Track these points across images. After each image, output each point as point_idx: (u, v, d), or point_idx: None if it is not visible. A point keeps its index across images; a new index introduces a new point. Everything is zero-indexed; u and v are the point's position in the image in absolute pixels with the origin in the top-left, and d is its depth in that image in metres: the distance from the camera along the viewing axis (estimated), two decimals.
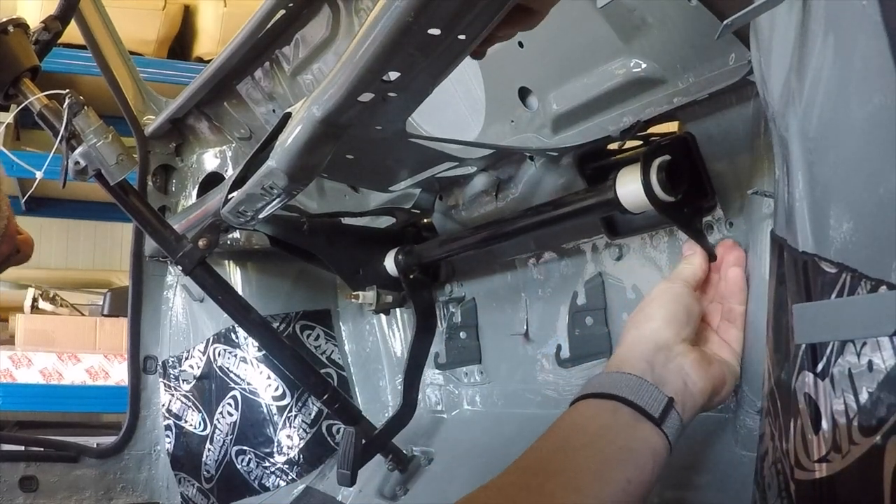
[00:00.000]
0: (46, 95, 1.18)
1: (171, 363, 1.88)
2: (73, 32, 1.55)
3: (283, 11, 1.40)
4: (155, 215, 1.32)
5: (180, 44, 4.11)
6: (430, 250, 1.42)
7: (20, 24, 1.17)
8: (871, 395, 0.47)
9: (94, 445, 1.87)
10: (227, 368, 1.83)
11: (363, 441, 1.37)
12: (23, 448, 1.83)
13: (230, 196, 1.06)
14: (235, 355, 1.83)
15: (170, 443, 1.87)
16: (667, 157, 0.92)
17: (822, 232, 0.53)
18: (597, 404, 0.79)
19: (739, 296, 0.89)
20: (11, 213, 0.90)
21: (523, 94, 1.15)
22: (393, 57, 0.73)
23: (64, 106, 1.15)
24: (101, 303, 3.94)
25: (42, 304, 3.99)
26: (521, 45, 1.08)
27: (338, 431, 1.77)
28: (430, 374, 1.58)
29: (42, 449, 1.81)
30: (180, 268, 1.31)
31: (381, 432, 1.41)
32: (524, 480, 0.74)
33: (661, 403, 0.77)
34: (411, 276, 1.46)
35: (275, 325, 1.76)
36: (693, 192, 0.94)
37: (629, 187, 0.94)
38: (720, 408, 0.97)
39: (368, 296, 1.48)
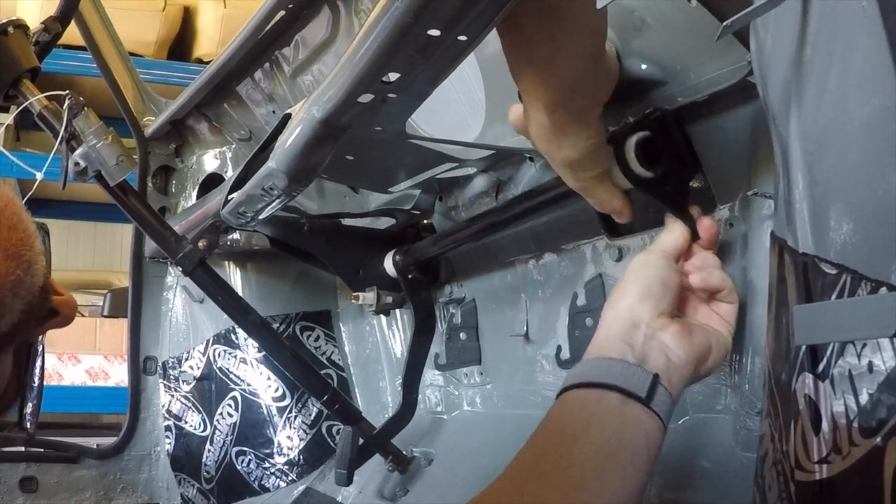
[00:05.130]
0: (46, 96, 1.18)
1: (171, 364, 1.87)
2: (72, 33, 1.55)
3: (282, 12, 1.40)
4: (155, 216, 1.32)
5: (180, 45, 4.11)
6: (426, 248, 1.42)
7: (20, 26, 1.17)
8: (871, 396, 0.47)
9: (94, 446, 1.87)
10: (227, 369, 1.83)
11: (361, 441, 1.36)
12: (22, 448, 1.83)
13: (230, 197, 1.06)
14: (235, 356, 1.83)
15: (170, 443, 1.87)
16: (644, 133, 0.91)
17: (823, 233, 0.53)
18: (582, 394, 0.77)
19: (720, 277, 0.86)
20: (46, 275, 0.87)
21: None
22: (393, 58, 0.73)
23: (64, 107, 1.15)
24: (100, 304, 3.95)
25: None
26: None
27: (338, 432, 1.77)
28: (430, 375, 1.58)
29: (42, 449, 1.81)
30: (180, 269, 1.31)
31: (380, 432, 1.41)
32: (519, 485, 0.73)
33: (647, 382, 0.76)
34: (410, 277, 1.46)
35: (275, 325, 1.76)
36: (675, 168, 0.94)
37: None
38: (720, 409, 0.98)
39: (368, 297, 1.48)
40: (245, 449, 1.79)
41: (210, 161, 1.87)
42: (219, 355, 1.84)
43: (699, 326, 0.85)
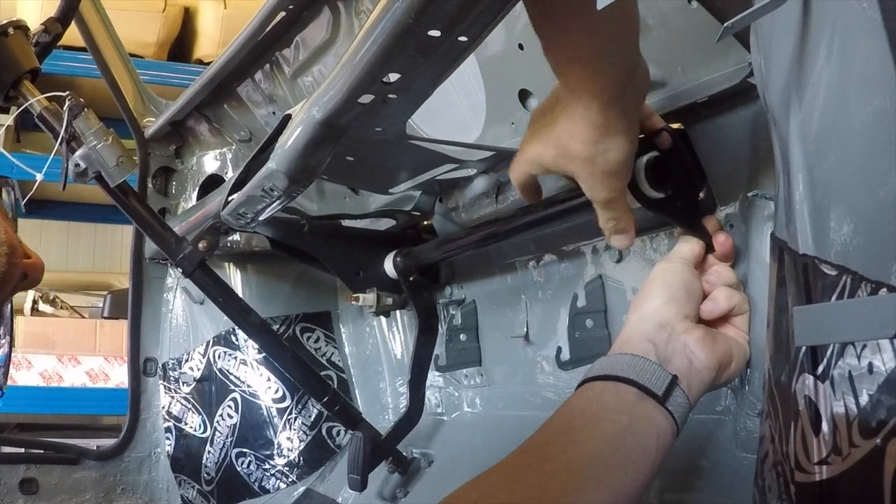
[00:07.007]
0: (47, 97, 1.18)
1: (171, 365, 1.87)
2: (73, 34, 1.55)
3: (283, 13, 1.40)
4: (155, 217, 1.32)
5: (180, 46, 4.12)
6: (427, 252, 1.42)
7: (20, 26, 1.17)
8: (871, 397, 0.47)
9: (95, 448, 1.87)
10: (227, 370, 1.83)
11: (372, 445, 1.36)
12: (23, 450, 1.83)
13: (230, 198, 1.06)
14: (235, 357, 1.83)
15: (170, 445, 1.87)
16: (653, 154, 0.91)
17: (823, 234, 0.53)
18: (599, 386, 0.78)
19: (738, 296, 0.88)
20: (15, 240, 0.90)
21: (523, 96, 1.15)
22: (393, 58, 0.73)
23: (64, 108, 1.15)
24: (101, 305, 3.95)
25: (42, 307, 4.00)
26: (521, 47, 1.08)
27: (338, 434, 1.77)
28: (431, 377, 1.58)
29: (42, 451, 1.81)
30: (180, 270, 1.31)
31: (390, 435, 1.41)
32: (525, 463, 0.73)
33: (665, 381, 0.76)
34: (411, 279, 1.46)
35: (275, 327, 1.76)
36: (683, 185, 0.94)
37: None
38: (720, 410, 0.98)
39: (369, 298, 1.48)
40: (245, 450, 1.79)
41: (210, 162, 1.87)
42: (219, 356, 1.84)
43: (721, 334, 0.85)
